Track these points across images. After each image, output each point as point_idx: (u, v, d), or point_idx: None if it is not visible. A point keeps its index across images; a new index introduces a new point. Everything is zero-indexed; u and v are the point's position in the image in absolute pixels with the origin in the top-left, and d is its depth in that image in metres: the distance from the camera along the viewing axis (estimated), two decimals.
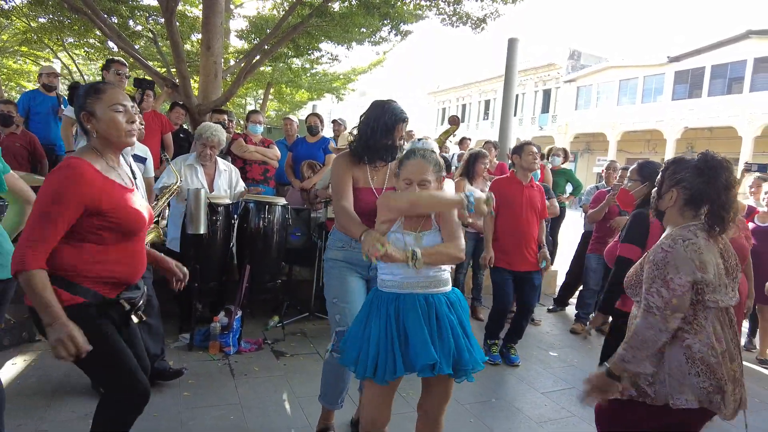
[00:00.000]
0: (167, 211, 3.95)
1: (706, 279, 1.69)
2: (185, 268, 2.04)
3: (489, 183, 4.93)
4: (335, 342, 2.29)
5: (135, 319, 1.81)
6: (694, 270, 1.68)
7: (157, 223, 3.03)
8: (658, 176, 1.93)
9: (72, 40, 11.35)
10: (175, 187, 3.03)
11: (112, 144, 1.73)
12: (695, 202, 1.79)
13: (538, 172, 4.82)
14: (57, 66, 14.10)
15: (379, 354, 1.85)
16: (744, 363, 4.45)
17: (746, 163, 4.50)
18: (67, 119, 4.12)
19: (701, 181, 1.78)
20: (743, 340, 4.87)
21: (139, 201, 1.81)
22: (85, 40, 10.61)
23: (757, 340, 4.74)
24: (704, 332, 1.72)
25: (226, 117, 5.48)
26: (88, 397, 2.78)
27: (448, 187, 4.30)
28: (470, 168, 4.70)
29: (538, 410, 3.16)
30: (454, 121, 5.64)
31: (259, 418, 2.77)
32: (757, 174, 4.62)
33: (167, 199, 2.96)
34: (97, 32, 9.82)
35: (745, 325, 4.94)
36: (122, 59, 4.25)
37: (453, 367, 1.85)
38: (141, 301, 1.85)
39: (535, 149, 3.88)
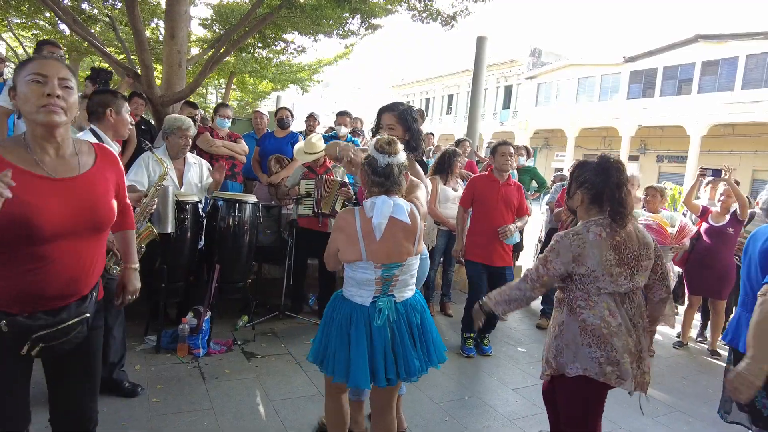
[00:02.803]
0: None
1: (577, 271, 1.98)
2: (129, 295, 1.92)
3: (460, 180, 4.99)
4: None
5: (22, 352, 1.44)
6: (569, 261, 1.98)
7: (151, 220, 2.90)
8: (567, 179, 2.21)
9: (19, 21, 10.66)
10: (162, 175, 2.89)
11: (30, 124, 1.45)
12: (598, 200, 2.05)
13: (514, 172, 4.92)
14: (1, 48, 13.25)
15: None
16: (696, 354, 4.69)
17: (701, 168, 4.75)
18: (1, 109, 3.74)
19: (599, 180, 2.03)
20: (695, 332, 5.14)
21: (70, 196, 1.48)
22: (33, 21, 9.99)
23: (708, 333, 5.01)
24: (597, 308, 2.00)
25: (198, 112, 5.27)
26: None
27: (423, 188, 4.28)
28: (445, 166, 4.74)
29: (510, 407, 3.23)
30: (419, 116, 5.60)
31: (234, 423, 2.72)
32: (711, 178, 4.87)
33: (155, 192, 2.83)
34: (47, 14, 9.30)
35: (697, 317, 5.21)
36: (54, 40, 3.92)
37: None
38: (44, 333, 1.45)
39: (509, 149, 4.01)
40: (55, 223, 1.43)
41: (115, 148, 2.65)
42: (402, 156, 1.96)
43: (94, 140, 2.52)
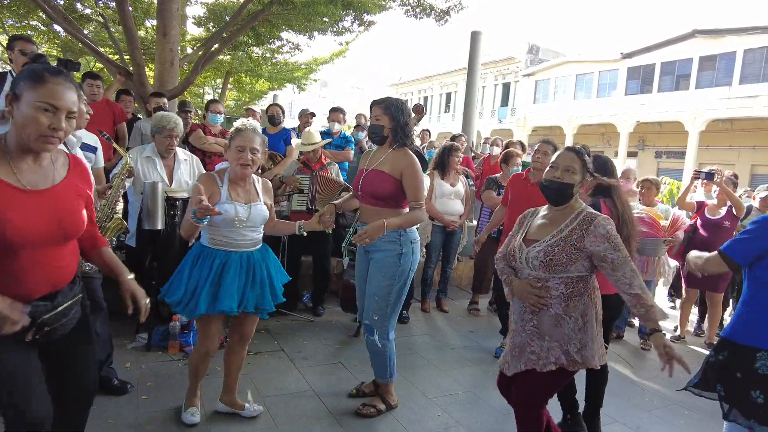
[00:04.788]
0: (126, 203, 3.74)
1: None
2: (143, 301, 1.78)
3: (462, 177, 4.95)
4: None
5: (28, 338, 1.48)
6: None
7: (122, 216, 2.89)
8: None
9: (12, 22, 10.62)
10: (127, 166, 2.87)
11: (19, 137, 1.45)
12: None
13: (518, 170, 4.83)
14: None
15: (194, 296, 2.36)
16: (693, 347, 4.68)
17: (695, 171, 4.78)
18: None
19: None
20: (692, 326, 5.11)
21: (40, 209, 1.48)
22: (26, 22, 9.95)
23: (705, 326, 4.98)
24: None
25: (164, 101, 5.20)
26: None
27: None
28: (443, 161, 4.70)
29: (503, 401, 3.18)
30: (418, 110, 5.55)
31: (224, 419, 2.68)
32: (704, 180, 4.93)
33: (119, 183, 2.79)
34: (42, 14, 9.26)
35: (695, 311, 5.18)
36: (28, 36, 3.81)
37: (256, 307, 2.48)
38: (47, 316, 1.51)
39: (546, 147, 3.76)
40: (25, 237, 1.44)
41: (73, 140, 2.59)
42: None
43: None
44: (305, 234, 2.64)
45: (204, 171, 3.86)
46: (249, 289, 2.44)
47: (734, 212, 4.47)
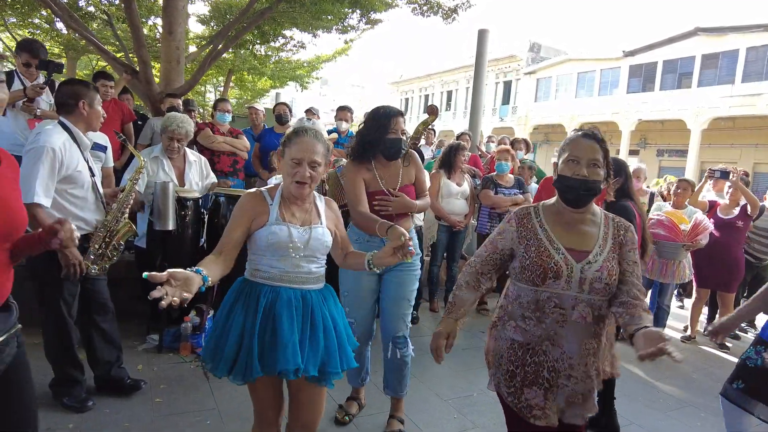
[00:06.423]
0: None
1: None
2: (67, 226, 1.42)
3: (467, 176, 4.91)
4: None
5: None
6: None
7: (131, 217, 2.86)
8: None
9: (15, 20, 10.58)
10: (139, 169, 2.84)
11: None
12: None
13: (507, 164, 4.81)
14: None
15: (240, 351, 1.67)
16: (704, 347, 4.66)
17: (710, 169, 4.76)
18: None
19: None
20: (702, 327, 5.09)
21: None
22: (29, 20, 9.91)
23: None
24: None
25: (180, 102, 5.18)
26: (49, 408, 2.58)
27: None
28: (450, 160, 4.66)
29: None
30: (433, 111, 5.48)
31: (239, 422, 2.66)
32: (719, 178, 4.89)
33: (131, 186, 2.76)
34: (44, 12, 9.23)
35: (704, 311, 5.16)
36: (33, 47, 3.78)
37: (320, 369, 1.74)
38: None
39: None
40: None
41: (87, 142, 2.55)
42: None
43: (63, 134, 2.43)
44: (377, 272, 1.93)
45: (211, 172, 3.83)
46: (308, 342, 1.73)
47: (748, 211, 4.45)
